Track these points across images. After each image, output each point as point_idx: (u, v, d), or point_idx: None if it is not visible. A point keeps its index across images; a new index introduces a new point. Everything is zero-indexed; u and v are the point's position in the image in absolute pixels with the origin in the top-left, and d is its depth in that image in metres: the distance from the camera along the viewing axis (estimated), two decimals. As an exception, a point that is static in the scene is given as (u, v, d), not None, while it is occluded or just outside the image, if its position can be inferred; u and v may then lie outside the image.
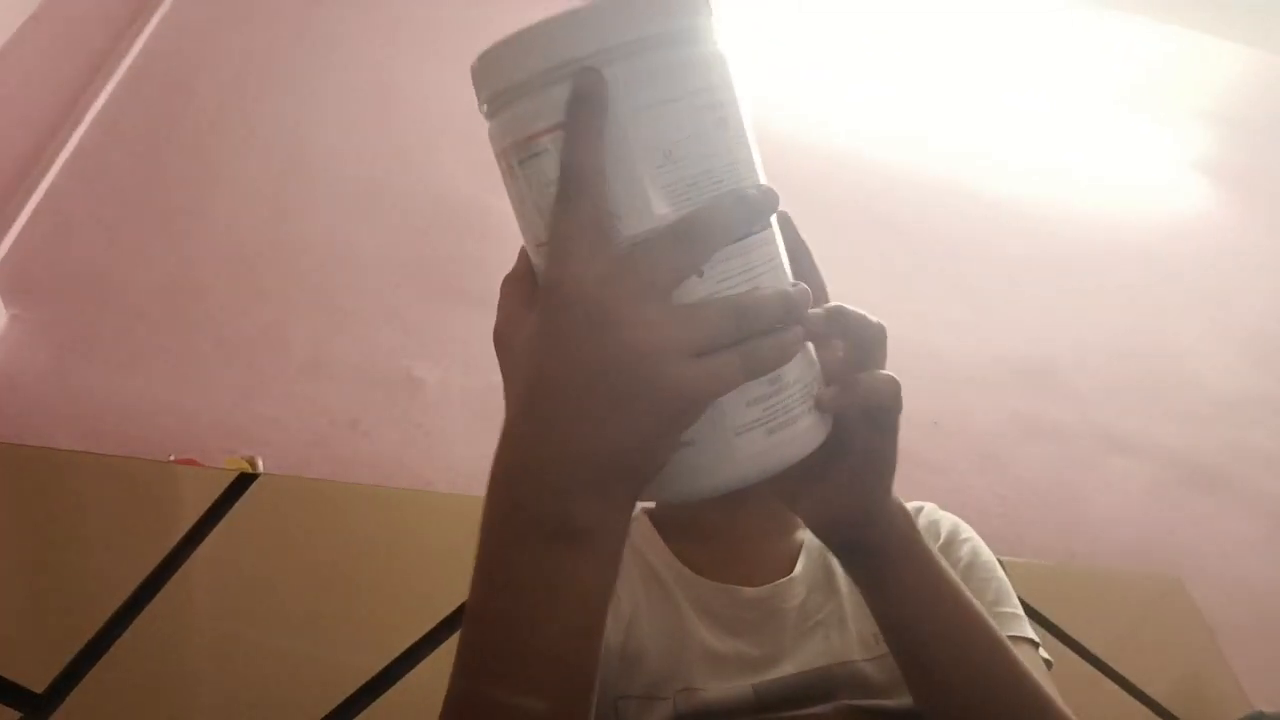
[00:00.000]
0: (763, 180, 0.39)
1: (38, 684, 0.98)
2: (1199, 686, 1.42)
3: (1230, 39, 2.55)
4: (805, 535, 0.70)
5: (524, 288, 0.40)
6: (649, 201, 0.35)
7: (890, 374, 0.43)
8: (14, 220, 1.48)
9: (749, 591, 0.65)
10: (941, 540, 0.70)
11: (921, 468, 1.62)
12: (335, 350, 1.51)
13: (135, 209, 1.60)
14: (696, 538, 0.69)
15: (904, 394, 0.52)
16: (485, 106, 0.39)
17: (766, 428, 0.38)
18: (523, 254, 0.41)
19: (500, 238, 2.12)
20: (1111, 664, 1.35)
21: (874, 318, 0.44)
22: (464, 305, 1.64)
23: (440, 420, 1.47)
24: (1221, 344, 2.19)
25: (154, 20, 1.90)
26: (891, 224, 2.14)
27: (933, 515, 0.73)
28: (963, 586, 0.51)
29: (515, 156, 0.37)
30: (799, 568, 0.67)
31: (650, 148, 0.35)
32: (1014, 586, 1.32)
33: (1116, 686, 1.34)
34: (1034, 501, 1.72)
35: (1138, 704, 1.33)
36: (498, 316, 0.41)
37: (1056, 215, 2.38)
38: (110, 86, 1.74)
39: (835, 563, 0.67)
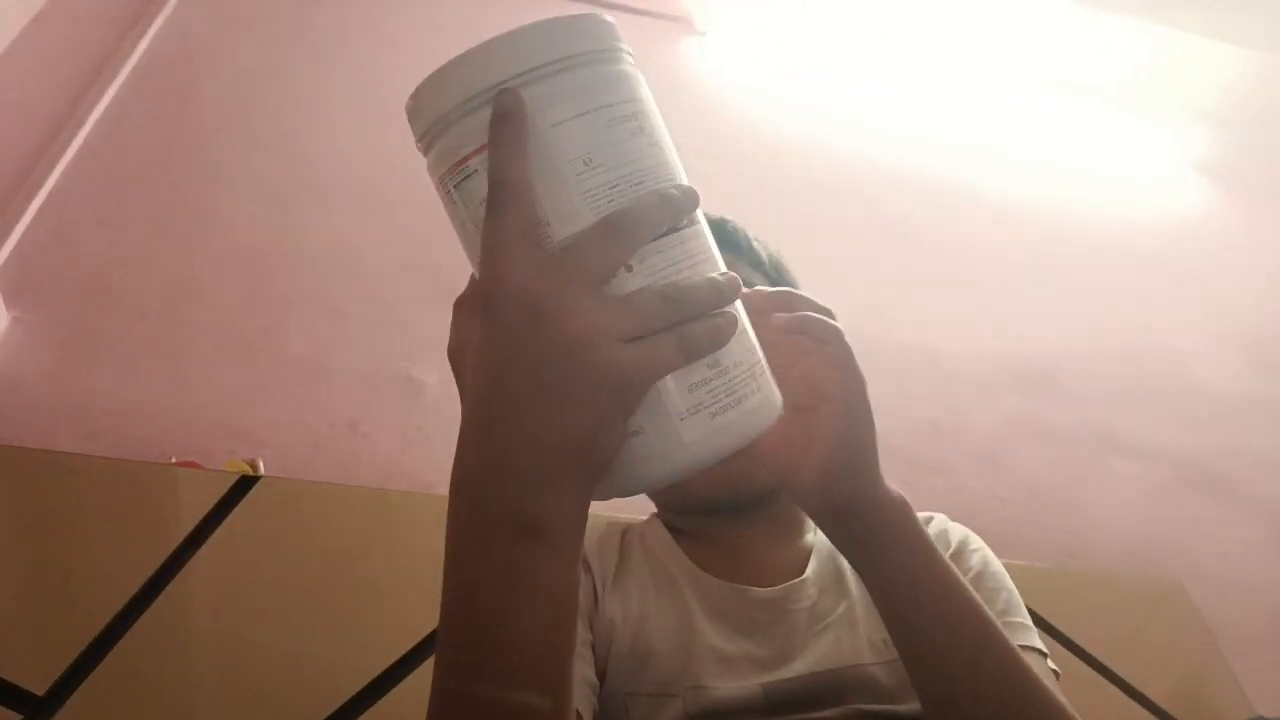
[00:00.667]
0: (683, 180, 0.41)
1: (39, 686, 0.98)
2: (1199, 689, 1.42)
3: (1229, 40, 2.55)
4: (815, 539, 0.71)
5: (473, 305, 0.42)
6: (574, 206, 0.38)
7: (821, 315, 0.48)
8: (16, 222, 1.48)
9: (759, 592, 0.65)
10: (951, 550, 0.70)
11: (921, 469, 1.63)
12: (336, 352, 1.51)
13: (137, 211, 1.61)
14: (707, 541, 0.70)
15: (903, 395, 0.52)
16: (421, 144, 0.43)
17: (709, 411, 0.39)
18: (472, 279, 0.44)
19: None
20: (1111, 666, 1.35)
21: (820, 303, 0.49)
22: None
23: (440, 422, 1.47)
24: (1222, 345, 2.19)
25: (157, 22, 1.90)
26: (891, 225, 2.15)
27: (943, 525, 0.73)
28: (960, 577, 0.52)
29: (450, 182, 0.41)
30: (810, 570, 0.67)
31: (570, 157, 0.38)
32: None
33: (1116, 689, 1.34)
34: (1033, 503, 1.72)
35: (1138, 706, 1.33)
36: (450, 338, 0.43)
37: (1056, 217, 2.38)
38: (113, 88, 1.75)
39: (846, 565, 0.68)
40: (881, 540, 0.51)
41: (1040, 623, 1.35)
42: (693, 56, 2.45)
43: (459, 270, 0.44)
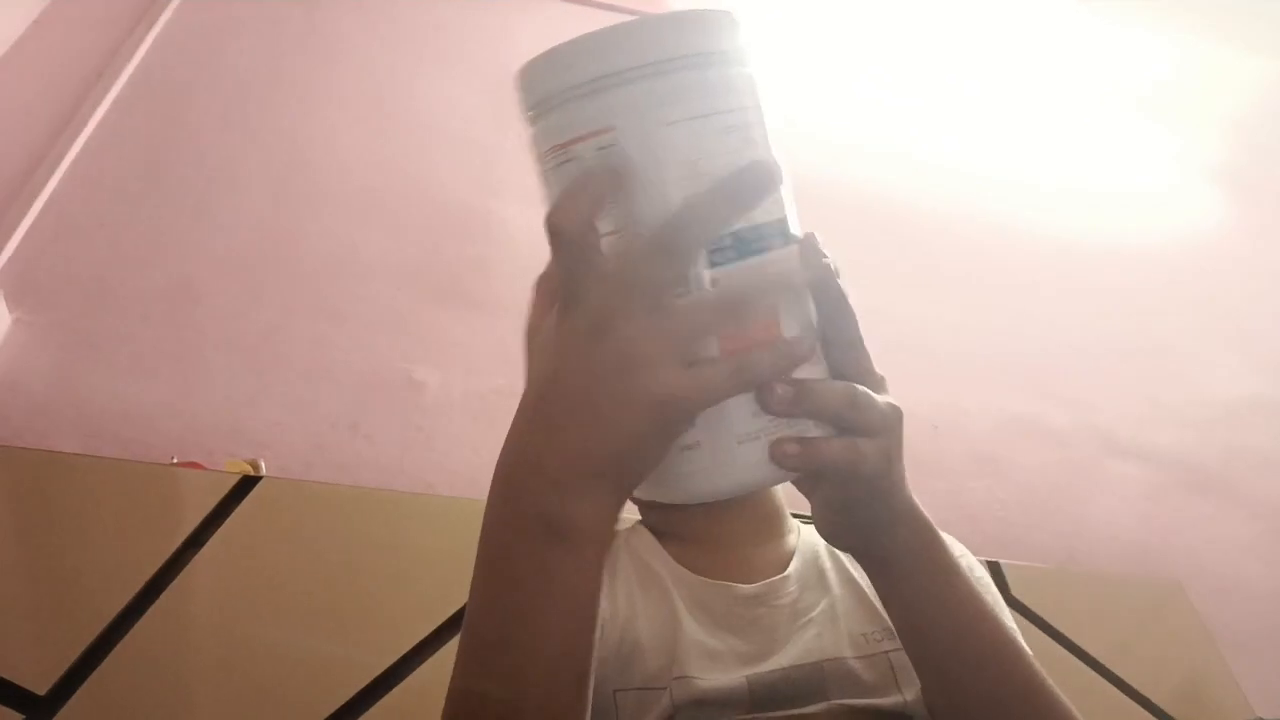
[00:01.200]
0: (786, 203, 0.39)
1: (40, 686, 0.98)
2: (1199, 690, 1.42)
3: (1239, 49, 2.55)
4: (798, 538, 0.72)
5: (552, 287, 0.41)
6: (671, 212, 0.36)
7: (851, 444, 0.41)
8: (18, 224, 1.48)
9: (742, 588, 0.66)
10: None
11: (920, 471, 1.61)
12: (337, 354, 1.51)
13: (138, 213, 1.61)
14: (692, 541, 0.71)
15: (903, 396, 0.52)
16: (529, 114, 0.41)
17: (770, 439, 0.38)
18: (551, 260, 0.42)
19: (501, 241, 2.14)
20: (1111, 668, 1.35)
21: (841, 387, 0.41)
22: (465, 309, 1.64)
23: (441, 423, 1.47)
24: (1221, 348, 2.19)
25: (157, 26, 1.90)
26: (893, 227, 2.15)
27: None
28: (984, 596, 0.51)
29: (551, 161, 0.39)
30: (792, 567, 0.68)
31: (678, 160, 0.36)
32: (1013, 590, 1.33)
33: (1116, 690, 1.34)
34: (1033, 505, 1.72)
35: (1138, 708, 1.33)
36: (528, 315, 0.42)
37: (1059, 220, 2.38)
38: (113, 92, 1.75)
39: (828, 564, 0.69)
40: (901, 566, 0.50)
41: (1040, 624, 1.36)
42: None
43: (459, 271, 0.44)
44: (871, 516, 0.48)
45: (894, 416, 0.44)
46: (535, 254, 1.69)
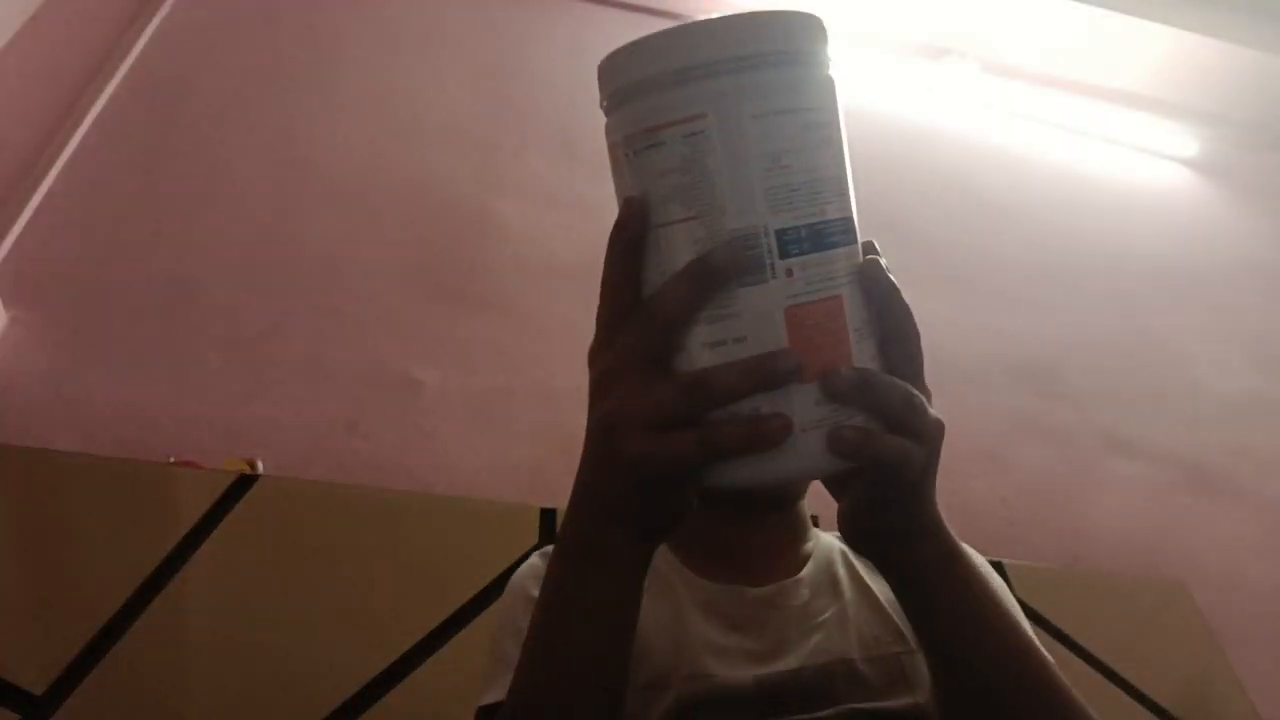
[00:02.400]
0: (850, 204, 0.41)
1: (38, 686, 0.98)
2: (1203, 690, 1.42)
3: (1232, 41, 2.54)
4: (813, 546, 0.72)
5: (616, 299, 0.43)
6: (754, 201, 0.38)
7: (903, 443, 0.42)
8: (14, 222, 1.48)
9: (753, 591, 0.67)
10: None
11: (923, 470, 1.62)
12: (334, 352, 1.51)
13: (135, 211, 1.61)
14: (706, 546, 0.71)
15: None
16: (607, 101, 0.42)
17: (828, 430, 0.39)
18: None
19: (500, 241, 2.13)
20: (1114, 668, 1.35)
21: (901, 386, 0.42)
22: (463, 307, 1.64)
23: (439, 422, 1.47)
24: (1224, 346, 2.18)
25: (154, 22, 1.90)
26: (892, 225, 2.14)
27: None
28: (1008, 609, 0.51)
29: (633, 145, 0.40)
30: (804, 572, 0.69)
31: (763, 152, 0.38)
32: (1016, 590, 1.32)
33: (1120, 691, 1.34)
34: (1036, 504, 1.71)
35: (1141, 708, 1.33)
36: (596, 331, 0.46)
37: (1058, 217, 2.37)
38: (110, 88, 1.75)
39: (841, 571, 0.70)
40: (921, 586, 0.50)
41: (1044, 624, 1.35)
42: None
43: (458, 271, 0.44)
44: (898, 525, 0.49)
45: (939, 430, 0.45)
46: (534, 253, 1.70)
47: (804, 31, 0.40)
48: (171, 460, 1.27)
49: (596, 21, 2.38)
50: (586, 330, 0.48)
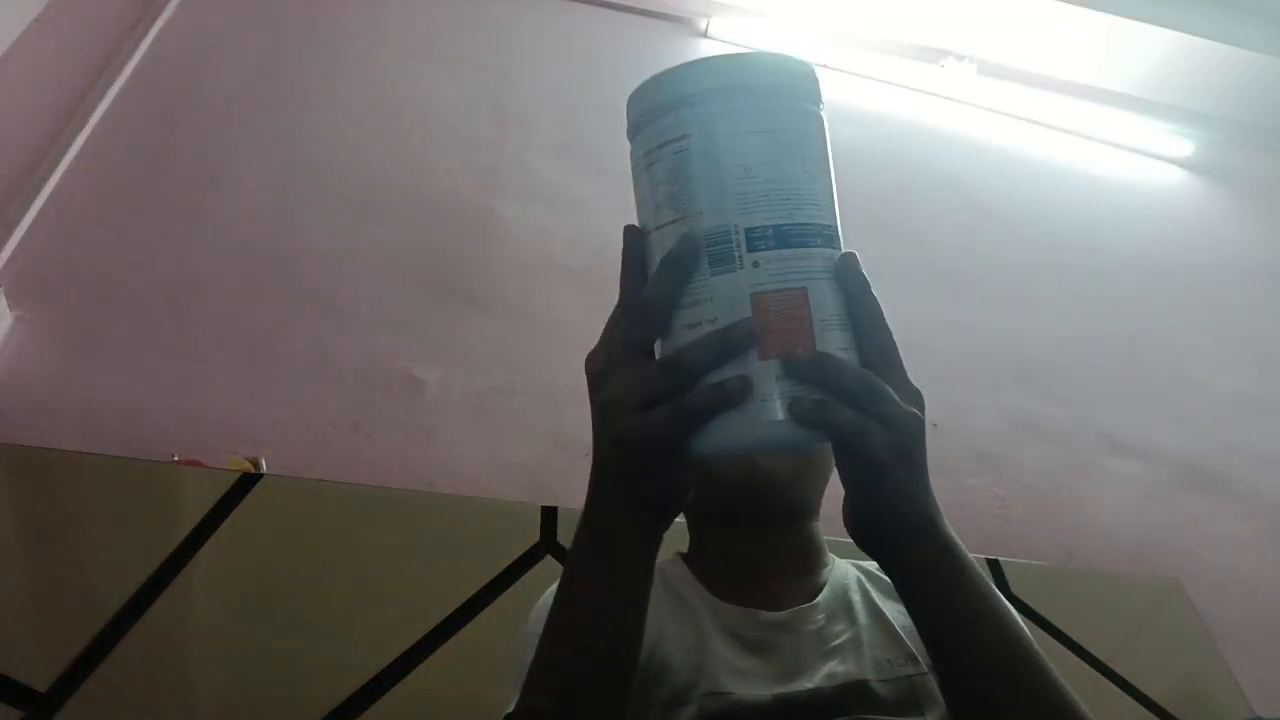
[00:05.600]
0: (828, 214, 0.47)
1: (41, 683, 0.98)
2: (1198, 687, 1.43)
3: (1227, 42, 2.55)
4: (830, 572, 0.75)
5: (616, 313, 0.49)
6: (726, 204, 0.45)
7: (858, 417, 0.44)
8: (19, 221, 1.48)
9: (770, 615, 0.69)
10: None
11: (921, 469, 1.62)
12: (337, 351, 1.51)
13: (139, 211, 1.61)
14: (725, 569, 0.74)
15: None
16: (628, 130, 0.50)
17: (788, 401, 0.44)
18: None
19: (501, 240, 2.14)
20: (1110, 665, 1.36)
21: (860, 372, 0.45)
22: (465, 307, 1.64)
23: (441, 421, 1.47)
24: (1220, 346, 2.19)
25: (158, 23, 1.90)
26: (890, 225, 2.15)
27: None
28: (1004, 609, 0.52)
29: (641, 164, 0.49)
30: (820, 598, 0.71)
31: (736, 164, 0.45)
32: (1012, 587, 1.34)
33: (1115, 688, 1.34)
34: (1033, 502, 1.72)
35: (1137, 705, 1.34)
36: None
37: (1054, 217, 2.38)
38: (114, 89, 1.75)
39: (856, 597, 0.72)
40: (916, 585, 0.51)
41: (1040, 621, 1.36)
42: (693, 56, 2.45)
43: (459, 270, 0.46)
44: (886, 524, 0.50)
45: (914, 423, 0.47)
46: (534, 253, 1.72)
47: (783, 70, 0.48)
48: (175, 459, 1.28)
49: (596, 22, 2.38)
50: (587, 329, 0.50)
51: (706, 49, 2.48)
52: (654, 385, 0.45)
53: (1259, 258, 2.49)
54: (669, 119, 0.47)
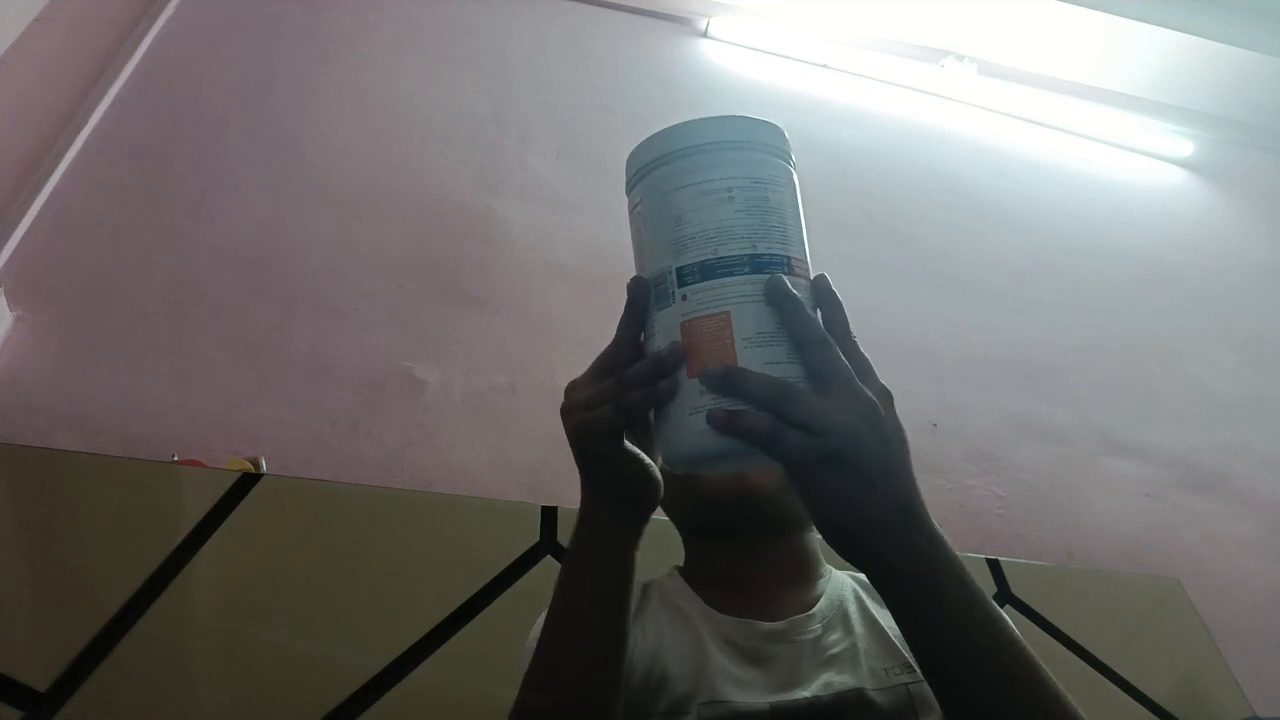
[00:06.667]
0: (757, 244, 0.51)
1: (41, 683, 0.98)
2: (1197, 687, 1.43)
3: (1227, 43, 2.55)
4: (827, 584, 0.75)
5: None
6: (664, 250, 0.53)
7: (772, 422, 0.48)
8: (19, 222, 1.48)
9: (766, 625, 0.70)
10: None
11: (920, 468, 1.62)
12: (337, 351, 1.51)
13: (139, 211, 1.61)
14: (723, 581, 0.75)
15: (904, 395, 0.53)
16: (626, 188, 0.59)
17: (706, 412, 0.49)
18: None
19: (500, 240, 2.13)
20: (1110, 665, 1.36)
21: (770, 380, 0.49)
22: (465, 307, 1.64)
23: (441, 421, 1.47)
24: (1219, 345, 2.19)
25: (158, 24, 1.90)
26: (890, 225, 2.15)
27: None
28: (991, 617, 0.50)
29: (630, 222, 0.57)
30: (816, 608, 0.72)
31: (669, 215, 0.53)
32: (1012, 588, 1.34)
33: (1115, 688, 1.34)
34: (1032, 502, 1.72)
35: (1137, 705, 1.34)
36: None
37: (1054, 217, 2.38)
38: (114, 89, 1.75)
39: (853, 607, 0.72)
40: (905, 603, 0.51)
41: (1039, 621, 1.36)
42: (693, 56, 2.45)
43: (459, 270, 0.46)
44: (843, 527, 0.49)
45: (852, 427, 0.47)
46: (534, 253, 1.72)
47: (718, 127, 0.54)
48: (175, 459, 1.28)
49: (596, 22, 2.38)
50: (587, 329, 0.51)
51: (706, 49, 2.48)
52: (601, 392, 0.53)
53: (1259, 258, 2.49)
54: (634, 189, 0.57)
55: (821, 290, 0.52)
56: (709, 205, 0.52)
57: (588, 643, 0.57)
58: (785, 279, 0.50)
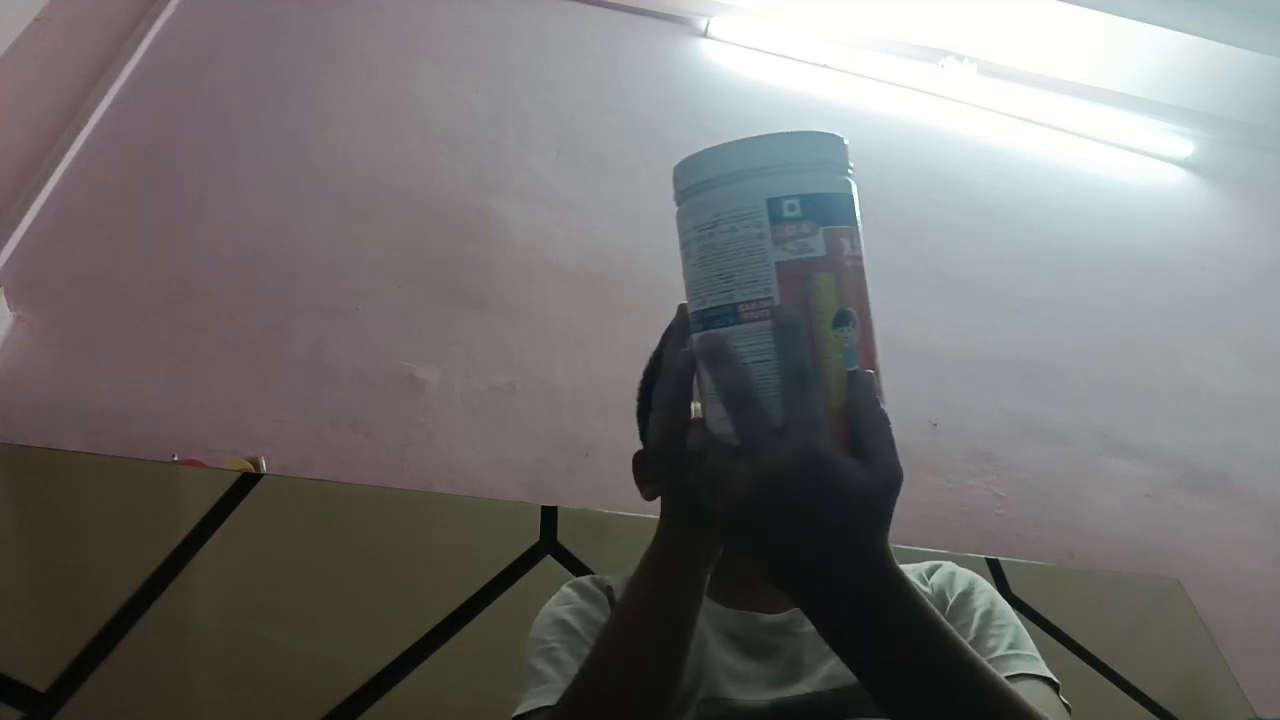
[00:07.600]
0: (707, 297, 0.49)
1: (41, 683, 0.98)
2: (1197, 688, 1.43)
3: (1227, 43, 2.55)
4: None
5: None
6: (691, 289, 0.51)
7: (672, 480, 0.51)
8: (18, 222, 1.48)
9: (767, 618, 0.70)
10: (958, 593, 0.73)
11: (920, 468, 1.63)
12: (337, 351, 1.51)
13: (139, 211, 1.61)
14: (723, 577, 0.72)
15: (903, 395, 0.52)
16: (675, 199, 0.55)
17: None
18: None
19: (501, 241, 2.14)
20: (1110, 665, 1.36)
21: (656, 437, 0.53)
22: (464, 307, 1.64)
23: (441, 421, 1.47)
24: (1219, 345, 2.19)
25: (158, 24, 1.90)
26: (890, 225, 2.15)
27: (950, 569, 0.77)
28: (961, 653, 0.47)
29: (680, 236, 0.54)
30: None
31: (694, 256, 0.50)
32: (1012, 588, 1.33)
33: (1116, 688, 1.34)
34: (1032, 502, 1.72)
35: (1137, 705, 1.34)
36: None
37: (1054, 217, 2.38)
38: (114, 89, 1.75)
39: None
40: (835, 645, 0.47)
41: (1039, 621, 1.36)
42: (693, 56, 2.45)
43: (459, 270, 0.45)
44: (777, 574, 0.45)
45: (733, 480, 0.44)
46: (534, 253, 1.72)
47: (687, 171, 0.51)
48: (175, 459, 1.28)
49: (596, 22, 2.38)
50: (587, 329, 0.50)
51: (706, 49, 2.48)
52: (652, 424, 0.54)
53: (1259, 258, 2.49)
54: (681, 209, 0.53)
55: (776, 327, 0.46)
56: (683, 260, 0.52)
57: (651, 659, 0.55)
58: (712, 336, 0.48)
